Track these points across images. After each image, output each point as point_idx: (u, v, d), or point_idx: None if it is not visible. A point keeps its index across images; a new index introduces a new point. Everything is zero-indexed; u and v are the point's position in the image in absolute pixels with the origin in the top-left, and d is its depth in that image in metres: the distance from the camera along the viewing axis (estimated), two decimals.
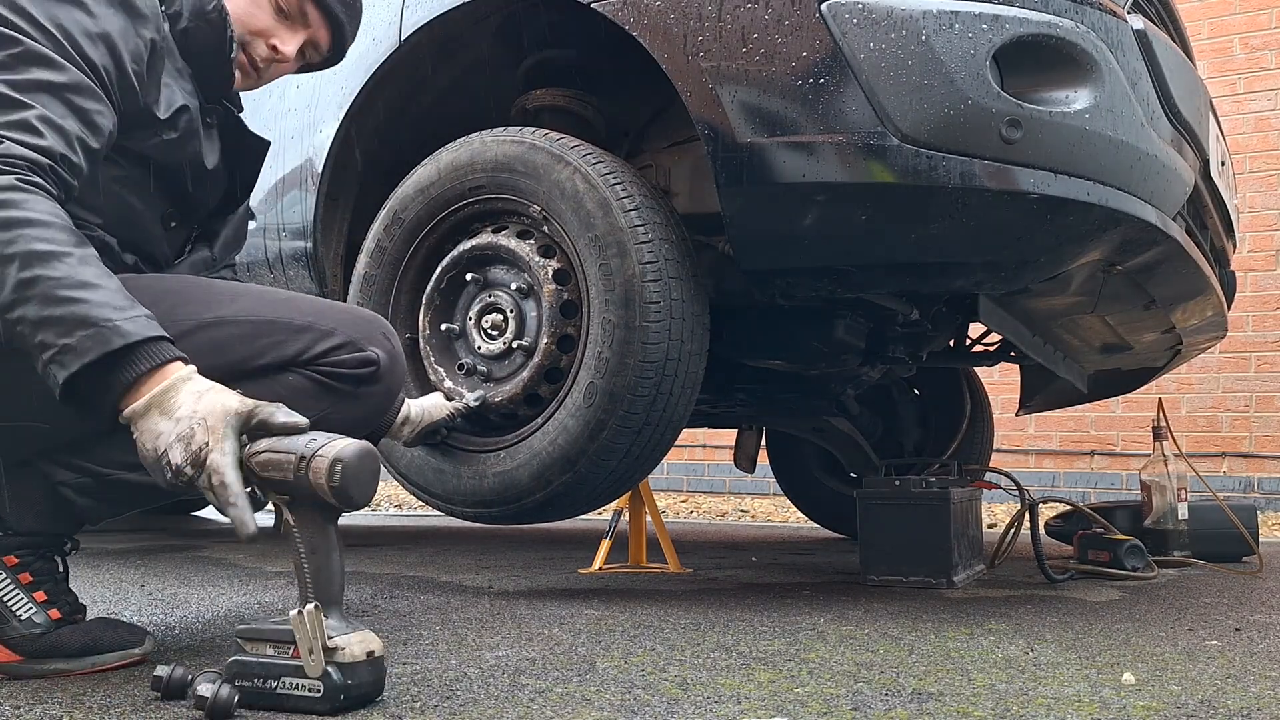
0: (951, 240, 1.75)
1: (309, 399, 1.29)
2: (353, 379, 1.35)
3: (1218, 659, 1.42)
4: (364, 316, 1.42)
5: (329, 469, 1.05)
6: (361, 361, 1.35)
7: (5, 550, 1.30)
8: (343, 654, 1.05)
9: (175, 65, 1.42)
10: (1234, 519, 2.63)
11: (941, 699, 1.16)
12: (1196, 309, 2.39)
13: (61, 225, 1.14)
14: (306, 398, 1.29)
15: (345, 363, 1.34)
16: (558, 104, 2.24)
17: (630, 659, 1.37)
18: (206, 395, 1.10)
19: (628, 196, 1.85)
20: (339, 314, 1.39)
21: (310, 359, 1.33)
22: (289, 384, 1.31)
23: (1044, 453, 5.36)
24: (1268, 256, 4.99)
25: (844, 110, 1.68)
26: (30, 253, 1.10)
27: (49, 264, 1.10)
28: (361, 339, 1.36)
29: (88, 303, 1.10)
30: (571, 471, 1.84)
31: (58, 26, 1.24)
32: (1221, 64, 5.10)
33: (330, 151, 2.33)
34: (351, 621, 1.10)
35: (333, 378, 1.34)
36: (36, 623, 1.27)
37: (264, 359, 1.32)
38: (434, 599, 1.95)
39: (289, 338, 1.32)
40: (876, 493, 2.22)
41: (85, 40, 1.26)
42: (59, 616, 1.29)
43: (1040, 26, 1.67)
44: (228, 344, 1.29)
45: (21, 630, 1.27)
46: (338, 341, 1.34)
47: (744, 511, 5.22)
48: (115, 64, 1.30)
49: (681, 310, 1.83)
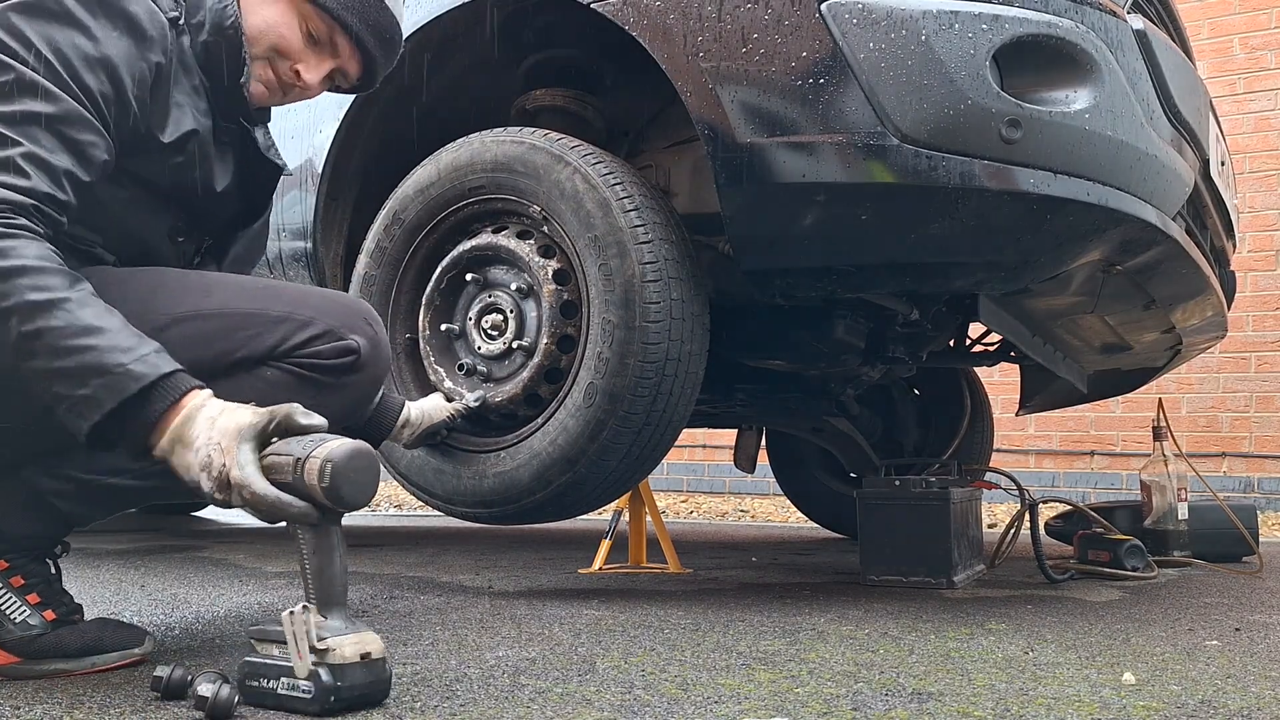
0: (951, 240, 1.75)
1: (288, 393, 1.25)
2: (333, 369, 1.32)
3: (1218, 659, 1.42)
4: (344, 303, 1.37)
5: (319, 470, 1.05)
6: (341, 350, 1.32)
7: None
8: (333, 655, 1.05)
9: (191, 83, 1.37)
10: (1234, 519, 2.63)
11: (941, 699, 1.16)
12: (1196, 309, 2.39)
13: (54, 269, 1.12)
14: (285, 392, 1.26)
15: (324, 353, 1.31)
16: (558, 104, 2.24)
17: (630, 659, 1.37)
18: (220, 419, 1.10)
19: (628, 197, 1.85)
20: (318, 301, 1.35)
21: (287, 350, 1.30)
22: (266, 379, 1.29)
23: (1044, 453, 5.36)
24: (1268, 256, 4.99)
25: (844, 110, 1.68)
26: (28, 304, 1.09)
27: (49, 314, 1.09)
28: (341, 327, 1.33)
29: (96, 349, 1.09)
30: (571, 471, 1.84)
31: (55, 51, 1.20)
32: (1221, 64, 5.10)
33: (330, 151, 2.33)
34: (355, 623, 1.09)
35: (312, 369, 1.31)
36: (32, 625, 1.27)
37: (240, 353, 1.29)
38: (434, 599, 1.95)
39: (265, 330, 1.29)
40: (876, 493, 2.22)
41: (83, 66, 1.22)
42: (54, 618, 1.29)
43: (1040, 26, 1.67)
44: (202, 339, 1.27)
45: (17, 633, 1.27)
46: (316, 331, 1.31)
47: (744, 511, 5.22)
48: (115, 90, 1.25)
49: (681, 310, 1.83)
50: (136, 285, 1.29)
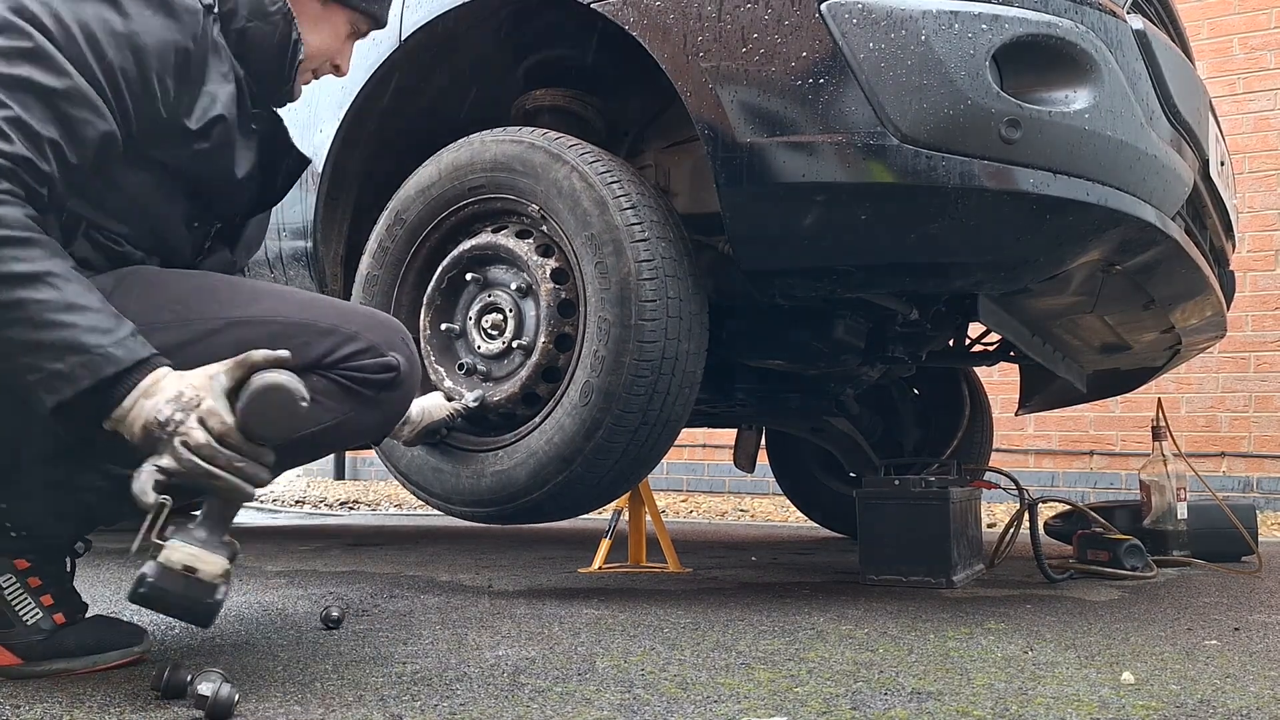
0: (951, 240, 1.75)
1: (331, 401, 1.30)
2: (375, 384, 1.34)
3: (1217, 658, 1.42)
4: (385, 321, 1.41)
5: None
6: (383, 367, 1.34)
7: (17, 553, 1.30)
8: (164, 553, 1.09)
9: (220, 70, 1.37)
10: (1233, 519, 2.64)
11: (941, 698, 1.16)
12: (1196, 309, 2.39)
13: (38, 239, 1.13)
14: (328, 399, 1.30)
15: (368, 368, 1.33)
16: (557, 104, 2.24)
17: (630, 659, 1.37)
18: (189, 374, 1.15)
19: (624, 195, 1.85)
20: (362, 318, 1.38)
21: (334, 362, 1.32)
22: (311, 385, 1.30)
23: (1043, 452, 5.36)
24: (1267, 256, 4.99)
25: (844, 110, 1.69)
26: (12, 275, 1.10)
27: (33, 286, 1.10)
28: (383, 344, 1.35)
29: (76, 327, 1.11)
30: (567, 471, 1.84)
31: (80, 24, 1.21)
32: (1221, 64, 5.10)
33: (330, 151, 2.33)
34: (221, 548, 1.12)
35: (355, 382, 1.33)
36: (42, 628, 1.28)
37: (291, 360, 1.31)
38: (434, 598, 1.95)
39: (314, 340, 1.31)
40: (876, 492, 2.22)
41: (108, 40, 1.22)
42: (64, 621, 1.30)
43: (1040, 26, 1.67)
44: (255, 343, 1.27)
45: (26, 636, 1.27)
46: (361, 346, 1.33)
47: (744, 511, 5.22)
48: (139, 68, 1.25)
49: (679, 309, 1.83)
50: (186, 287, 1.32)
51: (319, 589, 2.09)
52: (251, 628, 1.62)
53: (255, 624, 1.65)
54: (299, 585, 2.15)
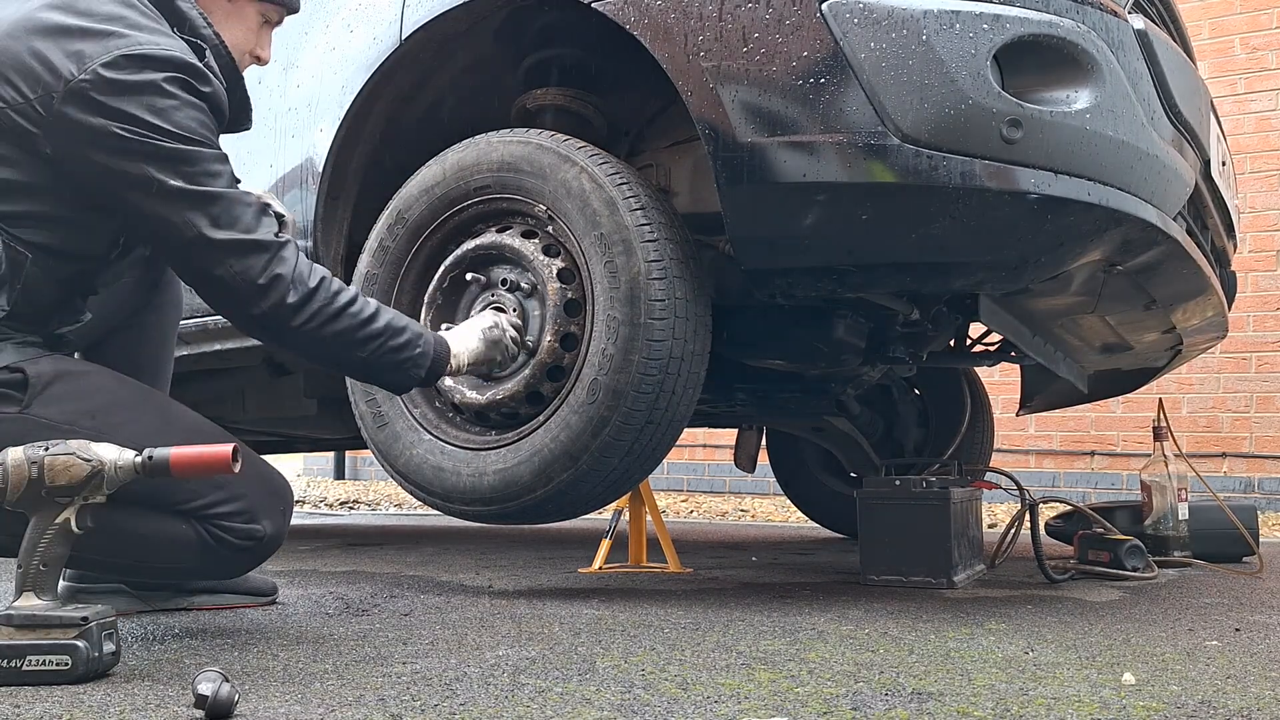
0: (952, 240, 1.75)
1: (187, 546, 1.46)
2: (232, 546, 1.49)
3: (1218, 659, 1.42)
4: (276, 489, 1.55)
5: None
6: (246, 534, 1.49)
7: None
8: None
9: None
10: (1234, 519, 2.63)
11: (941, 699, 1.16)
12: (1197, 309, 2.38)
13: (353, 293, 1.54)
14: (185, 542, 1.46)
15: (233, 530, 1.48)
16: (558, 104, 2.23)
17: (630, 659, 1.37)
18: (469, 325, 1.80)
19: (633, 196, 1.86)
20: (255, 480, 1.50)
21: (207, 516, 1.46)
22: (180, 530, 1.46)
23: (1044, 453, 5.36)
24: (1268, 257, 4.99)
25: (845, 110, 1.68)
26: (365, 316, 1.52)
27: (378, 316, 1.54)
28: (258, 511, 1.49)
29: (410, 328, 1.58)
30: (574, 468, 1.84)
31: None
32: (1222, 64, 5.10)
33: (330, 151, 2.33)
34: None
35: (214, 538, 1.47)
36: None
37: (181, 504, 1.45)
38: (434, 598, 1.95)
39: (201, 489, 1.45)
40: (876, 493, 2.22)
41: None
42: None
43: (1041, 26, 1.67)
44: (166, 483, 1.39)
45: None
46: (237, 508, 1.47)
47: (744, 511, 5.22)
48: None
49: (685, 309, 1.84)
50: (107, 401, 1.44)
51: (319, 589, 2.09)
52: (251, 628, 1.62)
53: (255, 624, 1.65)
54: (299, 585, 2.15)
